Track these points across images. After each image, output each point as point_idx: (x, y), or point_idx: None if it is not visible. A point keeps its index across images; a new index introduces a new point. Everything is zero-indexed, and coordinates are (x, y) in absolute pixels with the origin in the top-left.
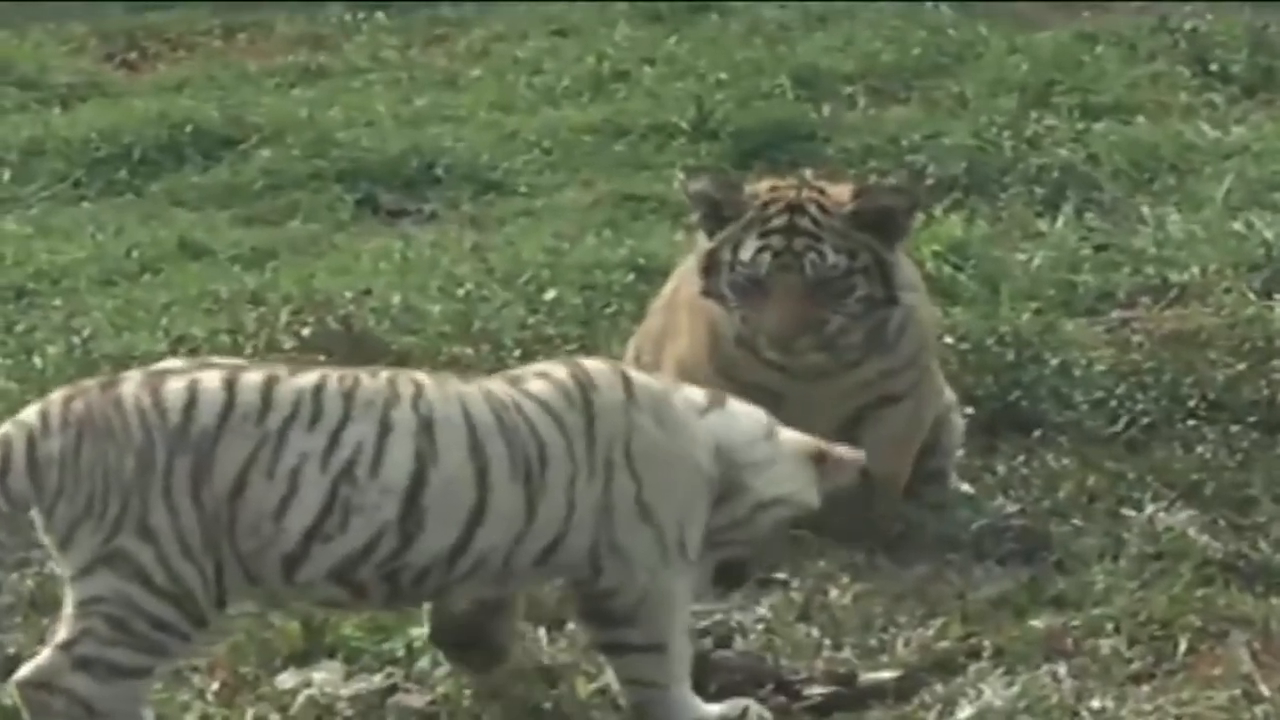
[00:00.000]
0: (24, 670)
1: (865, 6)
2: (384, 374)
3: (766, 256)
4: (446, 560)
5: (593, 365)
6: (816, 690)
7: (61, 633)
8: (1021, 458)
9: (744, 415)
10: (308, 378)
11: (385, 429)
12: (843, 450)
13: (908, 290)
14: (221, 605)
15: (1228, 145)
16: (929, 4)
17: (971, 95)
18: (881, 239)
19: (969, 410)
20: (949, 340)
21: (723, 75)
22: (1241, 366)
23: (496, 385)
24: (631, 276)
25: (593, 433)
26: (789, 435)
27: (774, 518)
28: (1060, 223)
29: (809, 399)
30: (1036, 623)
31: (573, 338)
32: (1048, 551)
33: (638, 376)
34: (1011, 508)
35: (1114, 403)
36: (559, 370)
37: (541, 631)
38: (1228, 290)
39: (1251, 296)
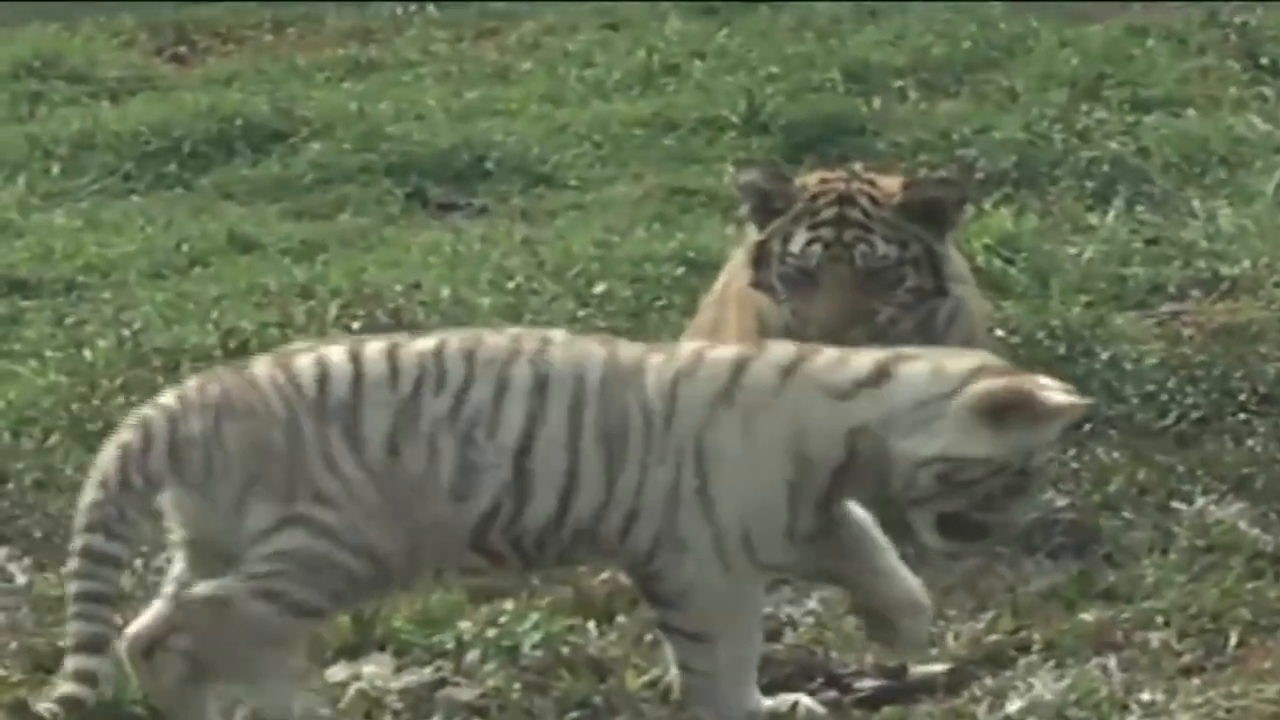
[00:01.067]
0: (198, 588)
1: (915, 2)
2: (510, 331)
3: (817, 248)
4: (554, 526)
5: (717, 352)
6: (866, 684)
7: (242, 569)
8: (1072, 451)
9: (909, 382)
10: (427, 341)
11: (501, 388)
12: (1043, 396)
13: (957, 282)
14: (414, 563)
15: (1278, 139)
16: None
17: (1022, 89)
18: (931, 230)
19: None
20: (1000, 333)
21: (773, 69)
22: None
23: (629, 352)
24: (681, 270)
25: (670, 420)
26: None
27: (935, 473)
28: (1111, 216)
29: None
30: (1086, 616)
31: (622, 331)
32: (1098, 545)
33: (758, 370)
34: (1062, 501)
35: (1164, 396)
36: (680, 350)
37: (591, 625)
38: (1278, 284)
39: None
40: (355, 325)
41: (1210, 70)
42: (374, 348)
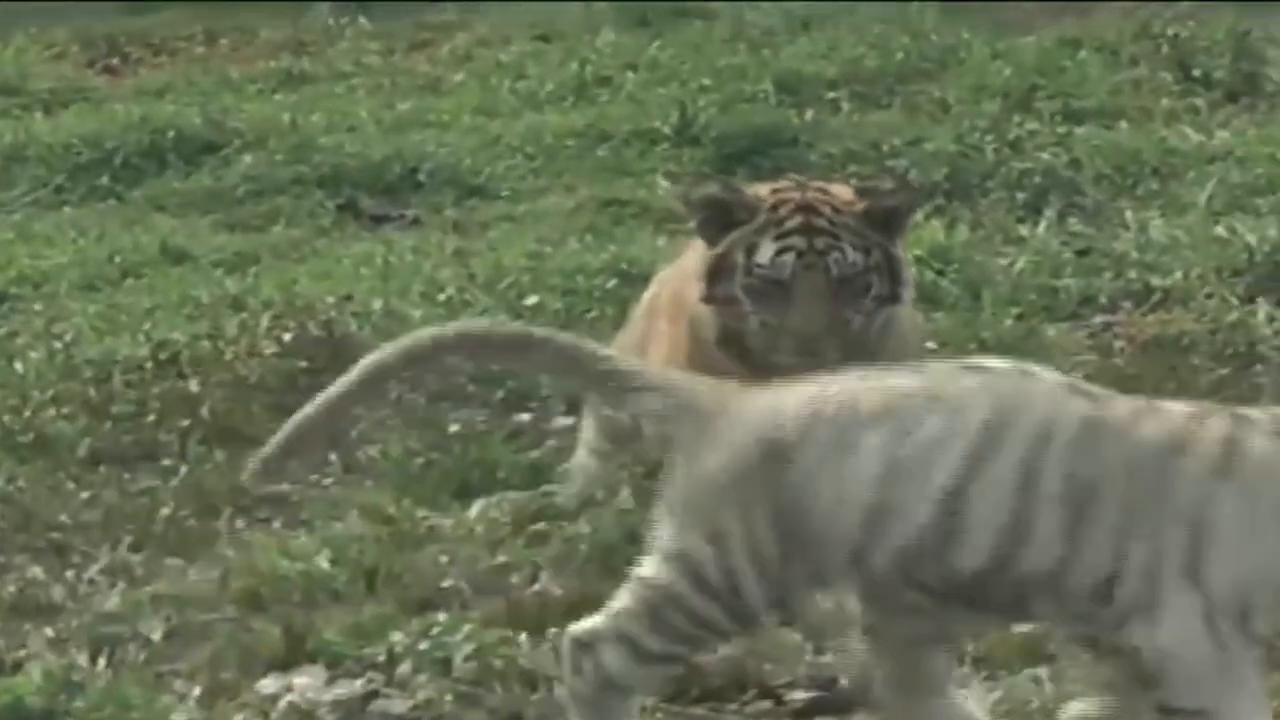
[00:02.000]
0: (579, 624)
1: (849, 11)
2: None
3: (789, 257)
4: (993, 572)
5: (1210, 422)
6: (800, 695)
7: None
8: None
9: None
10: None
11: (950, 429)
12: None
13: (909, 288)
14: (779, 607)
15: (1210, 150)
16: (913, 7)
17: (954, 100)
18: (889, 236)
19: None
20: (931, 345)
21: (706, 81)
22: (1224, 372)
23: (1117, 411)
24: (614, 282)
25: (1162, 489)
26: None
27: None
28: (1042, 227)
29: None
30: (1019, 628)
31: None
32: None
33: (1253, 439)
34: None
35: None
36: (1170, 415)
37: (523, 637)
38: (1210, 295)
39: (1234, 301)
40: (286, 337)
41: (1142, 81)
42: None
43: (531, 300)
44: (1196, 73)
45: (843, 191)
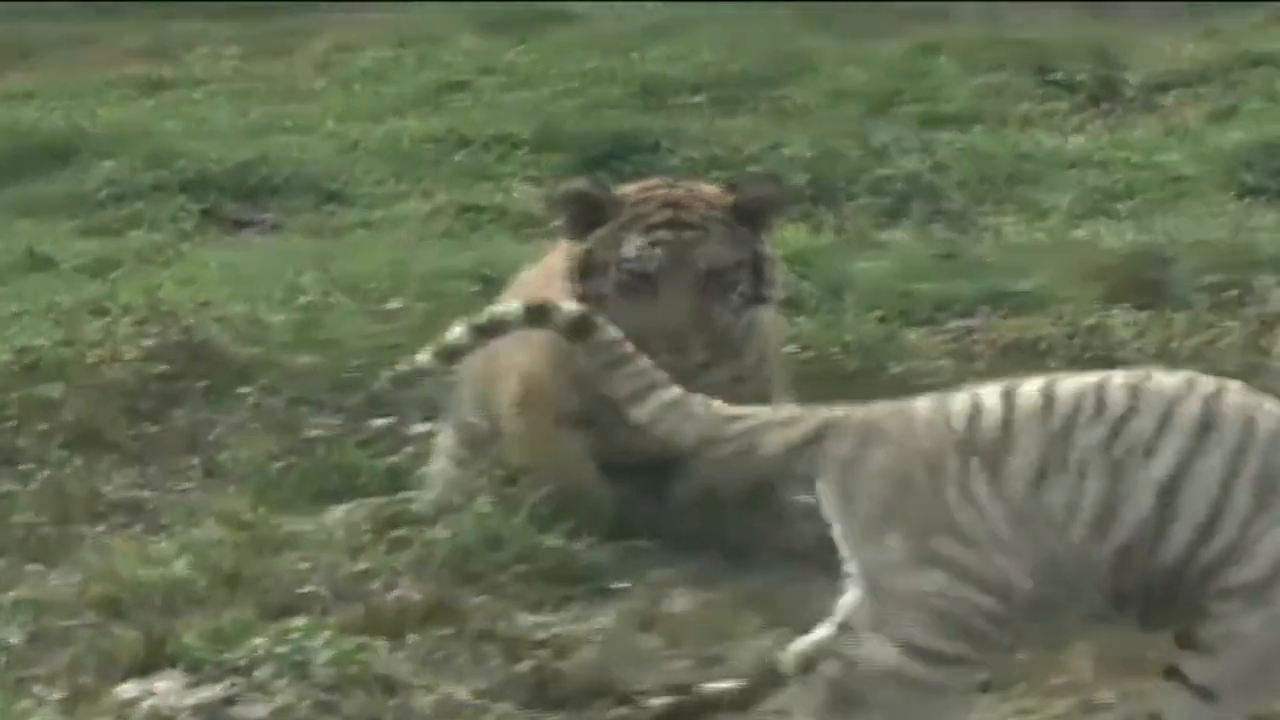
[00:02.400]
0: (841, 645)
1: (708, 16)
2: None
3: (658, 251)
4: (1182, 565)
5: None
6: (656, 702)
7: (879, 620)
8: None
9: None
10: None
11: (1163, 424)
12: None
13: (777, 288)
14: (1047, 607)
15: (1069, 154)
16: (772, 13)
17: (814, 105)
18: (758, 233)
19: None
20: (792, 349)
21: (565, 85)
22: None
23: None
24: (474, 286)
25: None
26: None
27: None
28: (903, 232)
29: None
30: None
31: (416, 347)
32: None
33: None
34: None
35: None
36: None
37: (381, 642)
38: (1069, 299)
39: (1093, 306)
40: (148, 342)
41: (1001, 86)
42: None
43: (392, 305)
44: (1055, 78)
45: (710, 189)
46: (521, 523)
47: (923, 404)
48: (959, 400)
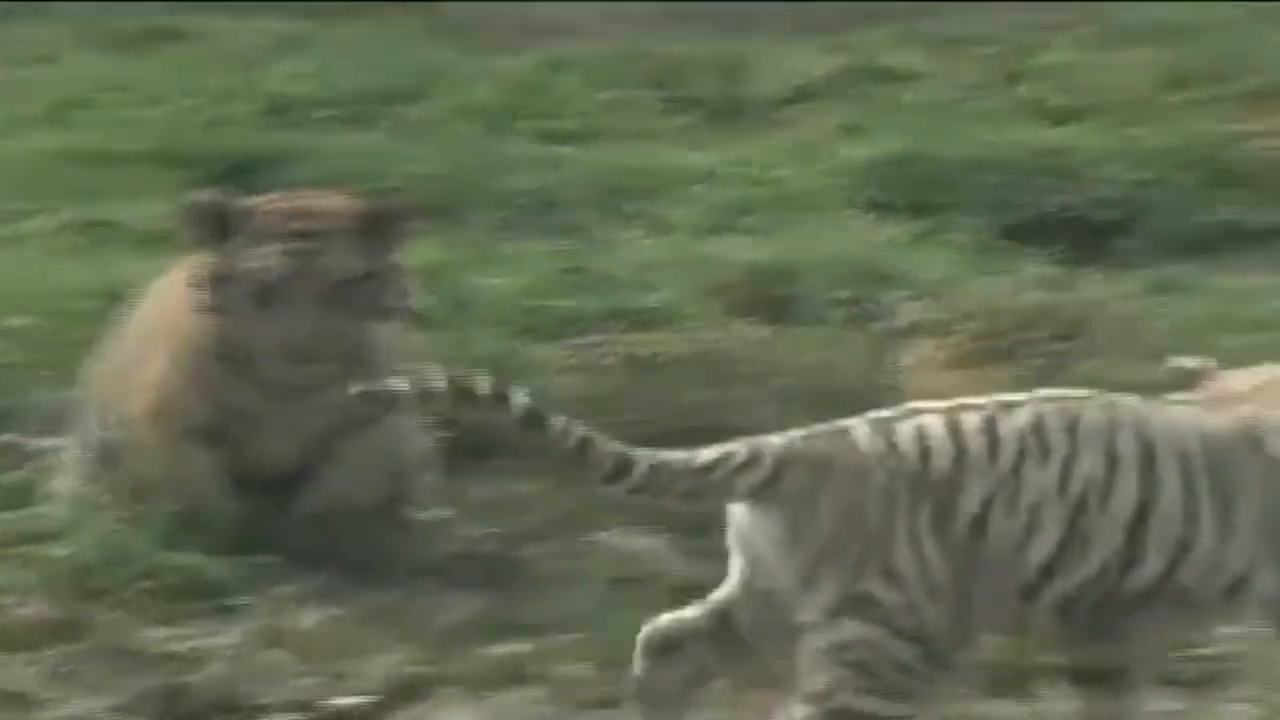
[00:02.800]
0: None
1: (333, 34)
2: (1099, 402)
3: (284, 261)
4: (1154, 591)
5: None
6: (283, 717)
7: (804, 684)
8: (490, 483)
9: None
10: (1022, 414)
11: (1112, 460)
12: None
13: (407, 301)
14: (963, 644)
15: (694, 170)
16: (396, 30)
17: (438, 120)
18: (385, 246)
19: (440, 435)
20: (418, 364)
21: (190, 102)
22: (708, 391)
23: (1219, 421)
24: (98, 303)
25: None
26: None
27: None
28: (528, 247)
29: (284, 419)
30: (504, 648)
31: (40, 363)
32: (516, 576)
33: None
34: (479, 532)
35: None
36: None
37: (12, 657)
38: (694, 315)
39: (718, 321)
40: None
41: (626, 102)
42: (971, 419)
43: (16, 322)
44: (680, 93)
45: (338, 201)
46: (149, 538)
47: (862, 431)
48: (903, 430)
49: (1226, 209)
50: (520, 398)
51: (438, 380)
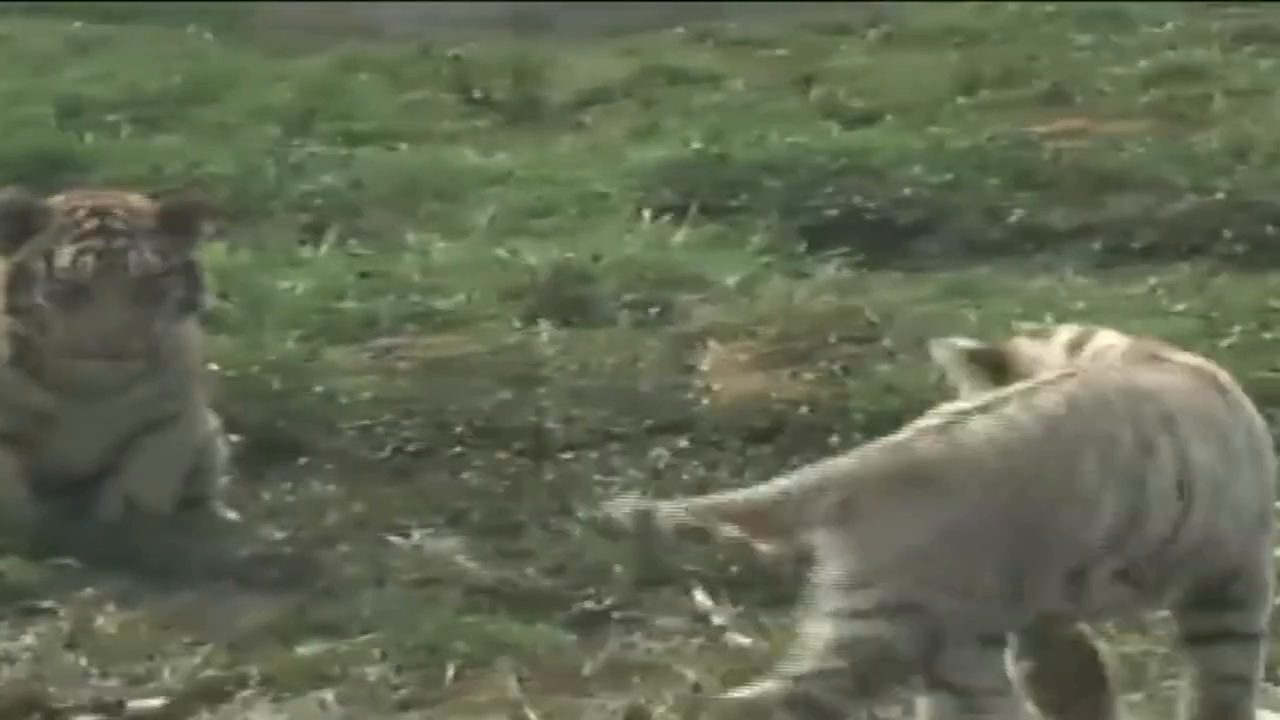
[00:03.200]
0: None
1: (128, 35)
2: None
3: (89, 259)
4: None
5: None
6: (83, 719)
7: (791, 661)
8: (288, 485)
9: None
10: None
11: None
12: None
13: (208, 295)
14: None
15: (491, 172)
16: (190, 31)
17: (235, 122)
18: (186, 241)
19: (235, 437)
20: (214, 367)
21: None
22: (506, 394)
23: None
24: None
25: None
26: None
27: None
28: (324, 250)
29: (82, 421)
30: (304, 650)
31: None
32: (315, 578)
33: None
34: (278, 534)
35: (380, 429)
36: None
37: None
38: (492, 317)
39: (515, 324)
40: None
41: (424, 104)
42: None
43: None
44: (477, 94)
45: (136, 198)
46: None
47: (931, 443)
48: (979, 430)
49: (1024, 210)
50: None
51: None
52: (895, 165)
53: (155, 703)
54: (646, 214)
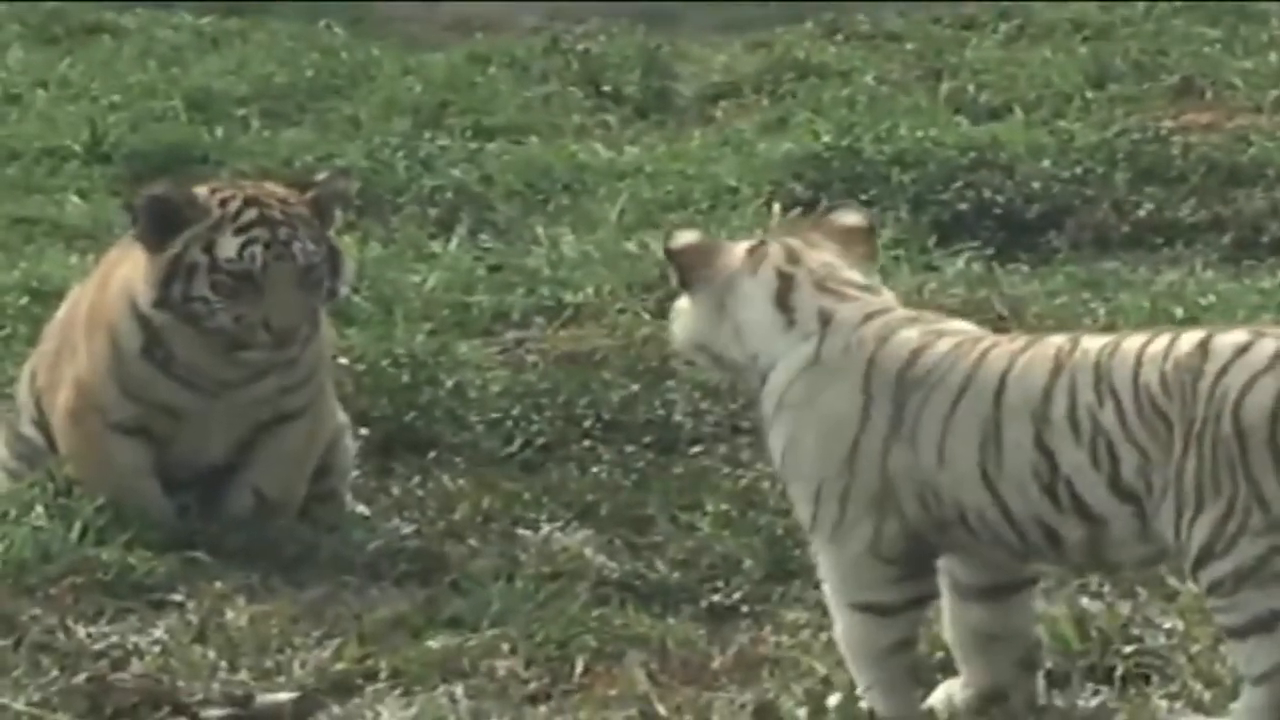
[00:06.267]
0: None
1: (258, 29)
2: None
3: (257, 249)
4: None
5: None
6: (214, 713)
7: None
8: (417, 479)
9: None
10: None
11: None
12: None
13: (349, 282)
14: None
15: (621, 166)
16: (322, 26)
17: (365, 117)
18: (328, 228)
19: (364, 431)
20: (344, 361)
21: (116, 98)
22: (636, 387)
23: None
24: (25, 299)
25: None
26: None
27: None
28: (454, 244)
29: (210, 416)
30: (433, 643)
31: None
32: (444, 572)
33: None
34: (407, 529)
35: (509, 423)
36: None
37: None
38: (622, 310)
39: (645, 317)
40: None
41: (553, 97)
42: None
43: None
44: (606, 89)
45: (279, 188)
46: (77, 534)
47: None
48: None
49: (1153, 204)
50: None
51: None
52: (1024, 159)
53: (285, 696)
54: (776, 207)
